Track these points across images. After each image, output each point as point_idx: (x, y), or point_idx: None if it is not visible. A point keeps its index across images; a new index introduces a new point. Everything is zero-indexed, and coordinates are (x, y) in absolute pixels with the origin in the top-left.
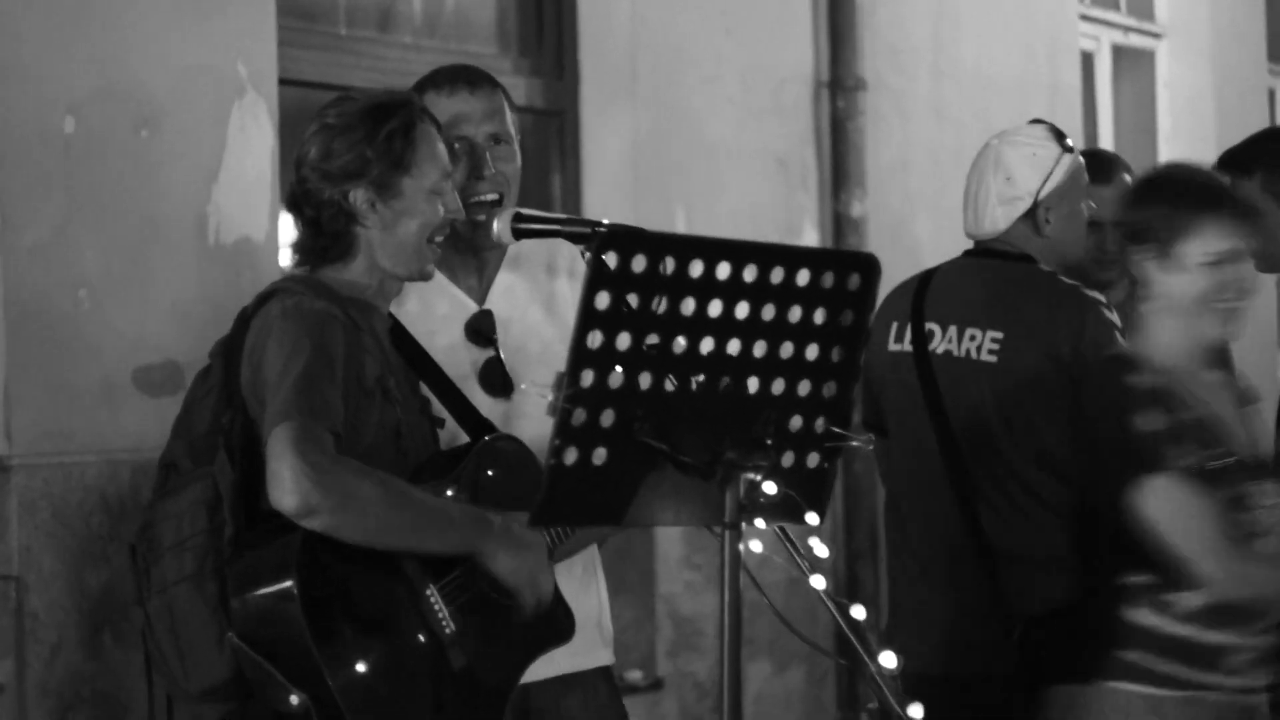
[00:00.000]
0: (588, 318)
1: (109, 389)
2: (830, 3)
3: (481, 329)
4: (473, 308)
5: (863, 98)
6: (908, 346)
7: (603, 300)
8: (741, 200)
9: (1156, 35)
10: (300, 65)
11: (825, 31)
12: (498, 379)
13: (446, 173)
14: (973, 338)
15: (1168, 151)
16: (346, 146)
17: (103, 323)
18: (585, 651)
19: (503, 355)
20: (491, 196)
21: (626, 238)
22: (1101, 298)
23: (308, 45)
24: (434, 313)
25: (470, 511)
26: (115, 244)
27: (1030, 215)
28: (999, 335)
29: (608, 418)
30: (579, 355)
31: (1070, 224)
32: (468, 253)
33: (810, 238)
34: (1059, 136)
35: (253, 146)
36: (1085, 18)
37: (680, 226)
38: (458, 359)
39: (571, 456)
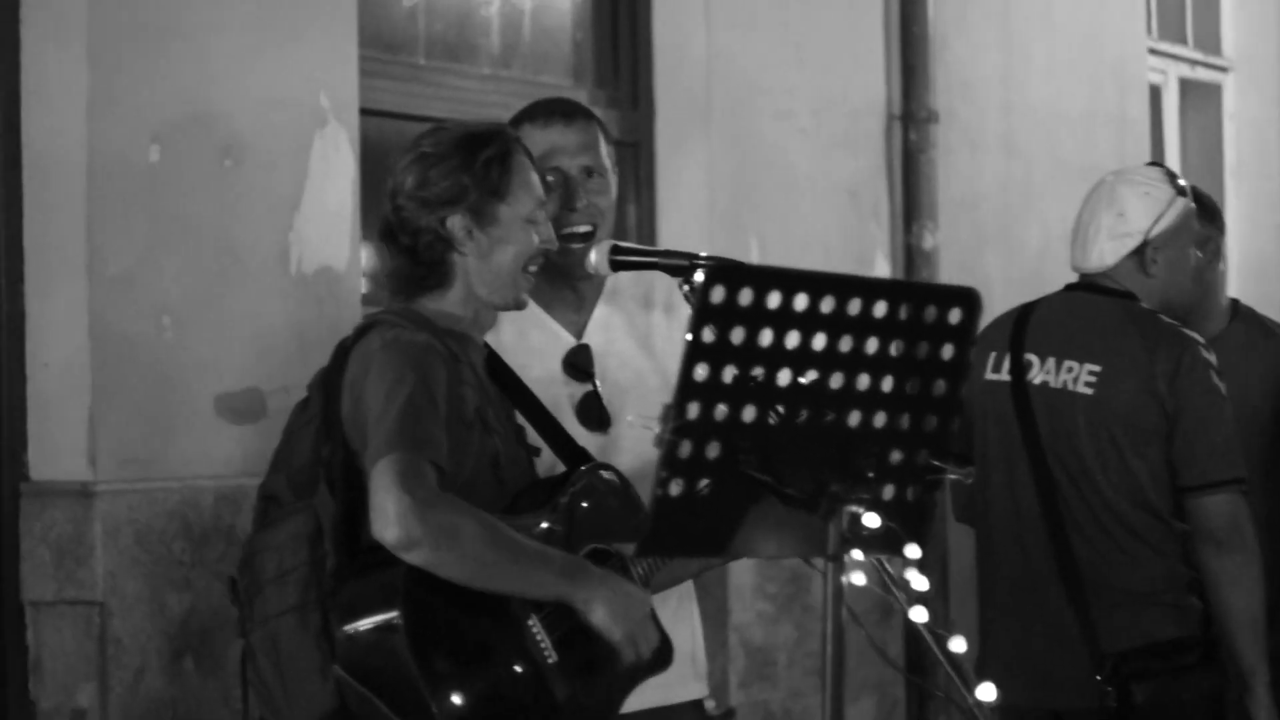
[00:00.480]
0: (694, 350)
1: (191, 416)
2: (902, 36)
3: (579, 363)
4: (570, 341)
5: (934, 130)
6: (1005, 376)
7: (709, 334)
8: (814, 231)
9: (1223, 69)
10: (380, 95)
11: (898, 64)
12: (595, 413)
13: (541, 202)
14: (1070, 369)
15: (1234, 184)
16: (444, 174)
17: (185, 350)
18: (678, 684)
19: (600, 389)
20: (584, 228)
21: (733, 272)
22: (1200, 338)
23: (388, 76)
24: (530, 345)
25: (573, 561)
26: (198, 272)
27: (1139, 253)
28: (1096, 369)
29: (713, 450)
30: (686, 388)
31: (1177, 267)
32: (564, 286)
33: (881, 269)
34: (1173, 179)
35: (334, 176)
36: (1153, 51)
37: (754, 256)
38: (554, 392)
39: (677, 488)
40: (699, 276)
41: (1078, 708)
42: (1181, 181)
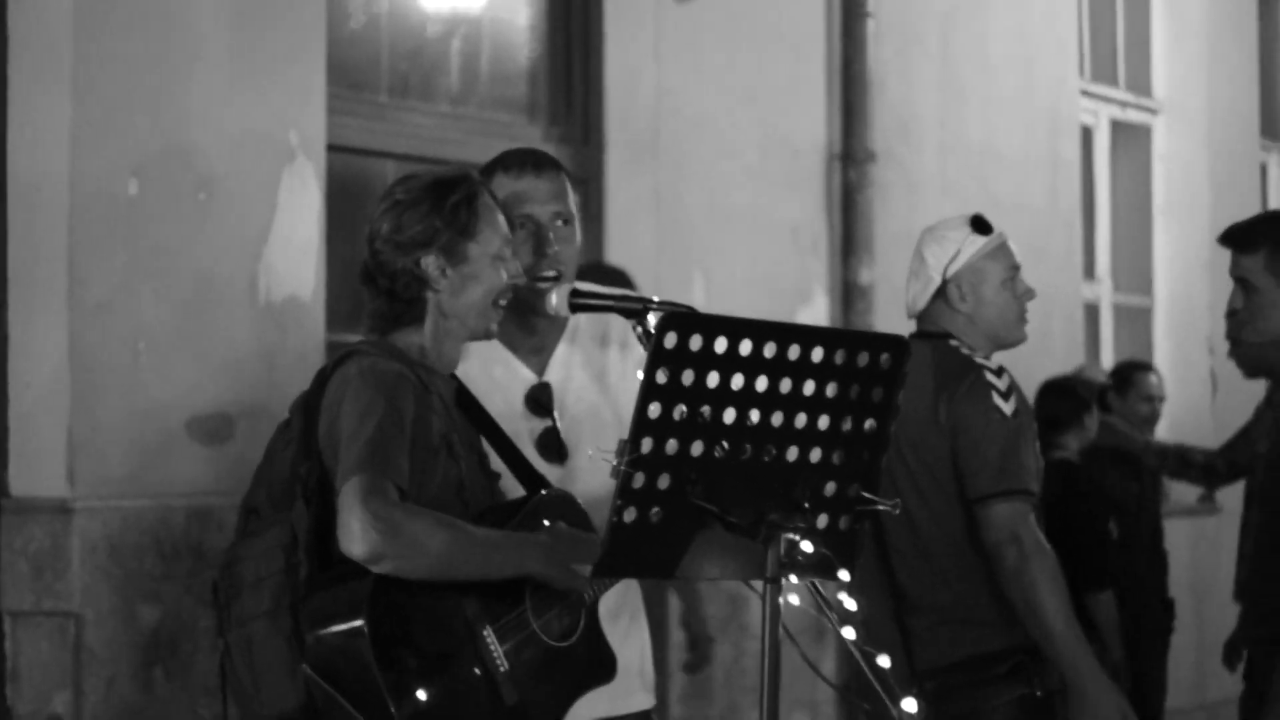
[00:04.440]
0: (648, 391)
1: (164, 437)
2: (844, 78)
3: (540, 399)
4: (532, 379)
5: (872, 169)
6: None
7: (662, 375)
8: (756, 265)
9: (1153, 111)
10: (346, 132)
11: (839, 105)
12: (554, 447)
13: (507, 240)
14: None
15: (1162, 223)
16: (416, 218)
17: (160, 375)
18: (625, 696)
19: (559, 424)
20: (551, 274)
21: (685, 319)
22: (991, 364)
23: (353, 113)
24: (494, 380)
25: (517, 537)
26: (173, 300)
27: (942, 293)
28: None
29: (664, 481)
30: (640, 424)
31: (996, 302)
32: (527, 326)
33: (820, 303)
34: (976, 222)
35: (302, 209)
36: (1086, 93)
37: (698, 289)
38: (516, 426)
39: (631, 515)
40: (652, 319)
41: None
42: (990, 226)
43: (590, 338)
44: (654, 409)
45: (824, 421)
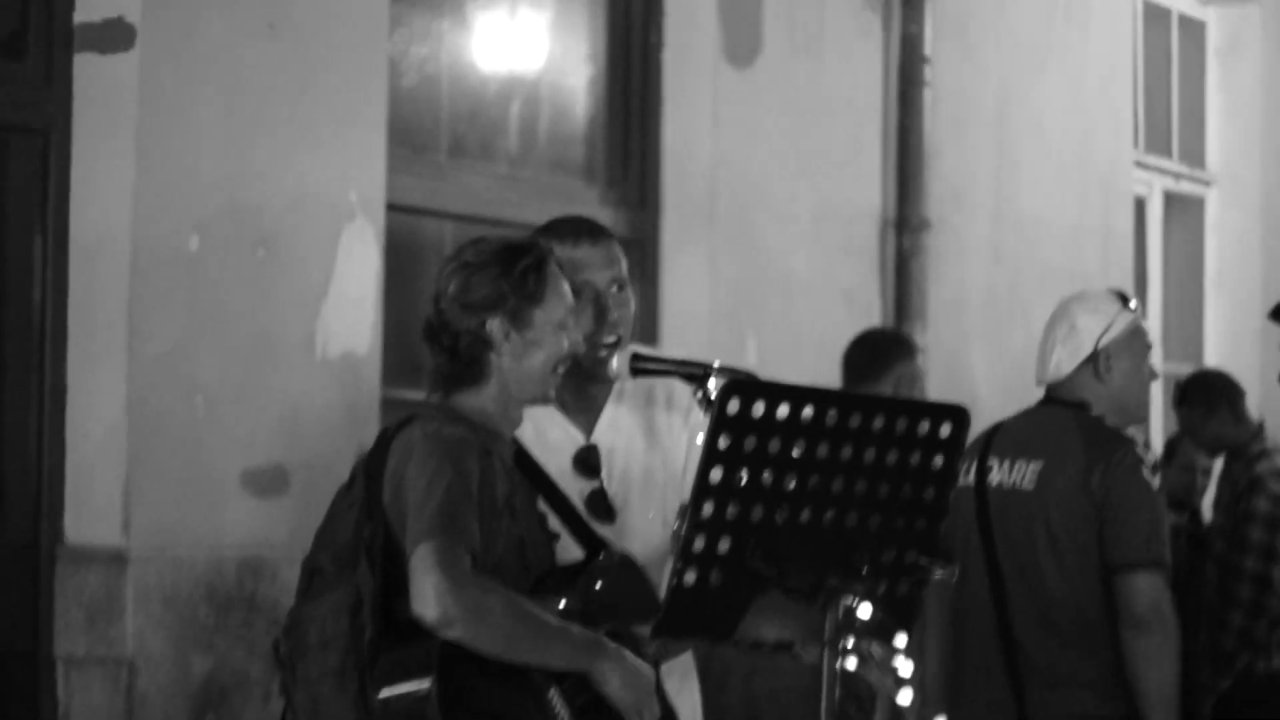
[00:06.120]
0: (710, 455)
1: (219, 490)
2: (899, 147)
3: (588, 461)
4: (580, 440)
5: (926, 237)
6: (971, 480)
7: (724, 440)
8: (810, 330)
9: (1207, 183)
10: (405, 192)
11: (893, 174)
12: (602, 507)
13: (571, 309)
14: (1019, 469)
15: (1214, 295)
16: (485, 281)
17: (216, 427)
18: None
19: (607, 485)
20: (611, 339)
21: (748, 386)
22: (1137, 440)
23: (413, 173)
24: (547, 442)
25: (589, 635)
26: (231, 355)
27: (1091, 361)
28: (1039, 465)
29: (724, 545)
30: (701, 489)
31: (1132, 378)
32: (578, 389)
33: None
34: (1123, 299)
35: (360, 268)
36: (1139, 164)
37: (751, 353)
38: (565, 487)
39: (691, 578)
40: (713, 385)
41: None
42: (1132, 303)
43: (636, 397)
44: (715, 474)
45: (884, 488)
